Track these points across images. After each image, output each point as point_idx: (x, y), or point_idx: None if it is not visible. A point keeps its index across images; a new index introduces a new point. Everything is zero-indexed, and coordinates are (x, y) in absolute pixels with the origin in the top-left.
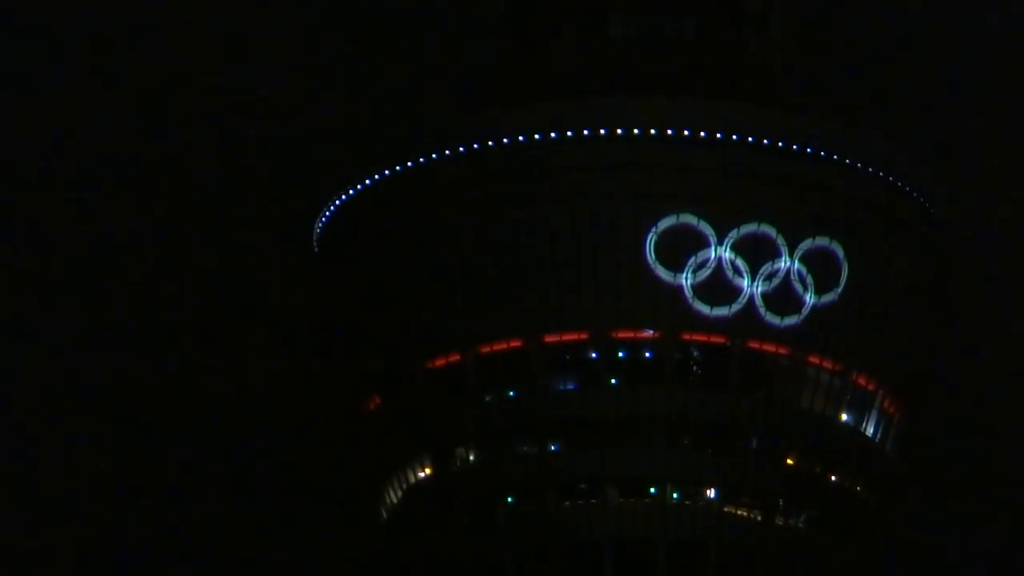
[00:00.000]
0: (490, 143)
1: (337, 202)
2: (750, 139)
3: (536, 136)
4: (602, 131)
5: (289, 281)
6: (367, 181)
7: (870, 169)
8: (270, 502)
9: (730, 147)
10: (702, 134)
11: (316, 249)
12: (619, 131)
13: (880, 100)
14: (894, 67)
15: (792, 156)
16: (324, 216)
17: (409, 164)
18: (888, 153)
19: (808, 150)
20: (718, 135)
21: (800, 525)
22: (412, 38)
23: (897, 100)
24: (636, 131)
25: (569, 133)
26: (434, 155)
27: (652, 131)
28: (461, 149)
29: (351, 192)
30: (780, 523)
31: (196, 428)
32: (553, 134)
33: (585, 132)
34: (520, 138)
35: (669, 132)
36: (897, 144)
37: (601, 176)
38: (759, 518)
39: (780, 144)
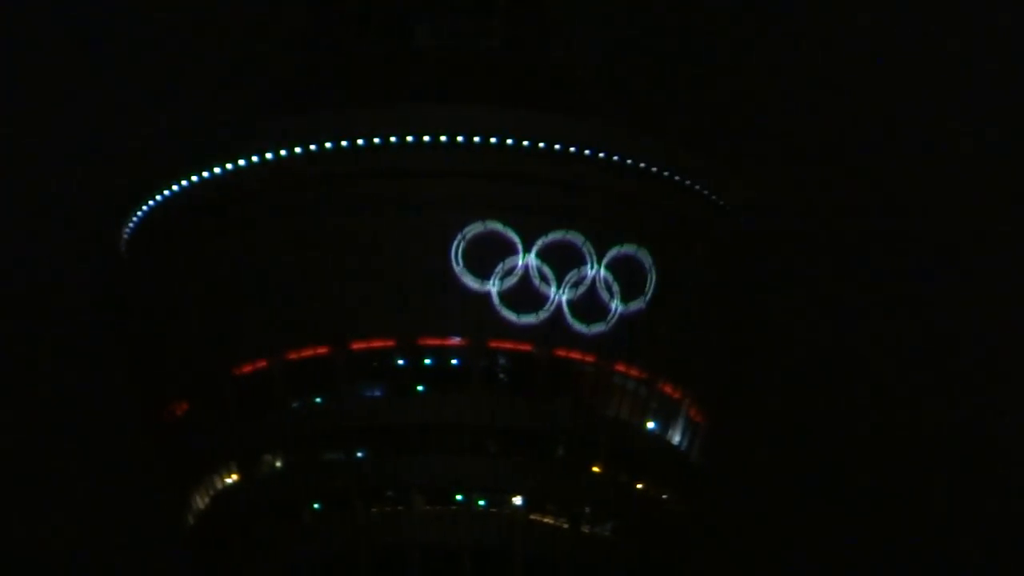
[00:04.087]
0: (296, 150)
1: (144, 208)
2: (557, 147)
3: (343, 143)
4: (409, 138)
5: (98, 286)
6: (173, 187)
7: (676, 177)
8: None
9: (537, 155)
10: (509, 142)
11: (124, 254)
12: (426, 138)
13: (688, 109)
14: (701, 75)
15: (599, 164)
16: (131, 222)
17: (216, 171)
18: (694, 161)
19: (615, 159)
20: (524, 143)
21: (606, 533)
22: (214, 42)
23: (704, 109)
24: (443, 138)
25: (376, 140)
26: (241, 162)
27: (459, 138)
28: (269, 156)
29: (157, 198)
30: (586, 531)
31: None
32: (360, 141)
33: (392, 139)
34: (327, 145)
35: (476, 139)
36: (704, 152)
37: (408, 183)
38: (565, 526)
39: (588, 152)
